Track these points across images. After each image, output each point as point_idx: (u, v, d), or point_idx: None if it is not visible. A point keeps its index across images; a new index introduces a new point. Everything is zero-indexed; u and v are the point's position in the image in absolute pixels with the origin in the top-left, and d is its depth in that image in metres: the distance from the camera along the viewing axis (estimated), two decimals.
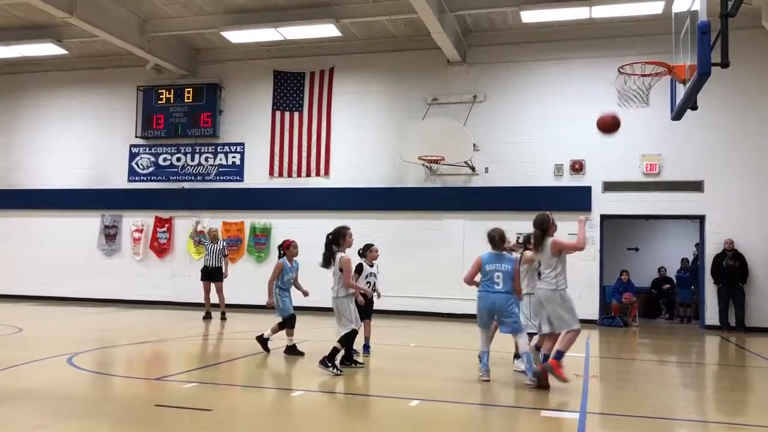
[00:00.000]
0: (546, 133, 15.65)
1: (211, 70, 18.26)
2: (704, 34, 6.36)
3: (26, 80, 19.60)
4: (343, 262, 7.68)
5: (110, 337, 11.41)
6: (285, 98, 17.53)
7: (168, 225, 18.09)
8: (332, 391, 6.96)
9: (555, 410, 6.34)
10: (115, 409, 5.98)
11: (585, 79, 15.56)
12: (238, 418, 5.94)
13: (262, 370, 8.56)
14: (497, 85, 16.19)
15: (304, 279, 9.95)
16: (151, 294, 17.76)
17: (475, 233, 15.86)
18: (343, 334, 7.70)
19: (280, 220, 17.18)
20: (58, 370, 7.78)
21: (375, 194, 16.47)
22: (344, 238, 7.88)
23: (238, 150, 17.88)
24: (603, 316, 15.17)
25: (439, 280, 15.63)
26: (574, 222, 14.98)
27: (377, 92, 16.94)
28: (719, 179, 14.70)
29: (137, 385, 7.25)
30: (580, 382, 7.67)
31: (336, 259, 7.75)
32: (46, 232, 18.83)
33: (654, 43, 12.66)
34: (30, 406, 5.94)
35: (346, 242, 7.89)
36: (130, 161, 18.62)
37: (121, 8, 15.60)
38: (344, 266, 7.68)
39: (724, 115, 14.58)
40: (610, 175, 15.27)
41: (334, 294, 7.87)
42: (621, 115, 8.87)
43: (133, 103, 18.55)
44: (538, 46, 15.93)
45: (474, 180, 16.07)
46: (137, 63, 17.87)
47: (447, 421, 5.80)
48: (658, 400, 7.07)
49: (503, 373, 8.59)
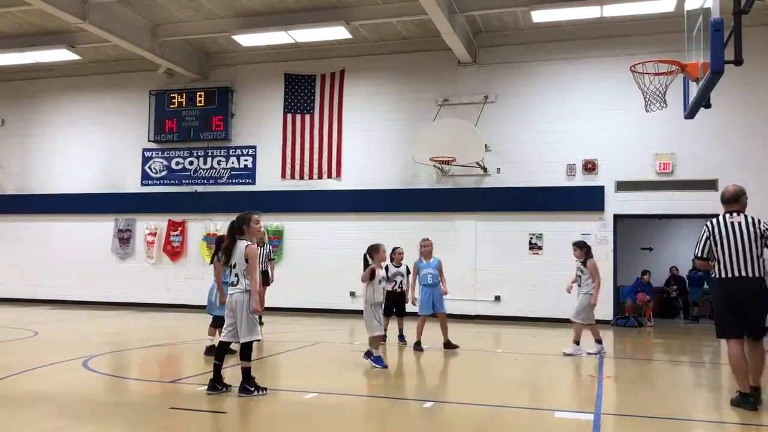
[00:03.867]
0: (558, 133, 15.59)
1: (223, 74, 18.35)
2: (717, 31, 6.30)
3: (40, 86, 19.79)
4: (248, 252, 6.65)
5: (125, 340, 11.48)
6: (296, 101, 17.57)
7: (181, 228, 18.18)
8: (347, 393, 6.96)
9: (570, 411, 6.30)
10: (129, 412, 6.00)
11: (596, 78, 15.51)
12: (252, 421, 5.96)
13: (277, 372, 8.58)
14: (508, 86, 16.15)
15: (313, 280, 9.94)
16: (165, 297, 17.87)
17: (487, 234, 15.86)
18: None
19: (292, 223, 17.22)
20: (73, 373, 7.83)
21: (387, 196, 16.48)
22: (248, 225, 6.80)
23: (250, 153, 17.95)
24: (617, 317, 15.09)
25: (452, 281, 15.54)
26: (587, 222, 15.14)
27: (388, 94, 16.96)
28: (733, 178, 14.47)
29: (152, 387, 7.28)
30: (595, 382, 7.63)
31: (238, 248, 6.70)
32: (60, 236, 18.99)
33: (666, 41, 12.58)
34: (45, 409, 5.98)
35: (250, 230, 6.82)
36: (143, 165, 18.75)
37: (133, 13, 15.71)
38: (249, 256, 6.63)
39: (738, 113, 14.47)
40: (623, 174, 15.19)
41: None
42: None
43: (145, 107, 18.68)
44: (548, 46, 15.89)
45: (486, 181, 16.04)
46: (149, 68, 18.01)
47: (460, 422, 5.79)
48: (673, 400, 7.01)
49: (516, 374, 8.56)
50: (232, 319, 6.67)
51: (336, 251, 16.16)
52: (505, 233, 15.62)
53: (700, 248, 6.61)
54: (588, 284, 9.95)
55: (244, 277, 6.66)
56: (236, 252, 6.70)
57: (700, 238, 6.64)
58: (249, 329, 6.60)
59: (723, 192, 6.77)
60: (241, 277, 6.67)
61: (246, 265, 6.64)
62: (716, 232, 6.50)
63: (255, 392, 6.56)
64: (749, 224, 6.47)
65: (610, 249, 15.15)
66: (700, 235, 6.65)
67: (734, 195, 6.64)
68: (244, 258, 6.64)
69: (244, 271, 6.66)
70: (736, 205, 6.62)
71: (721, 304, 6.55)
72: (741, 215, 6.57)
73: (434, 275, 10.25)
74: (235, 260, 6.69)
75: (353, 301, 16.24)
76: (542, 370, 8.99)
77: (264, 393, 6.60)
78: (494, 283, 15.49)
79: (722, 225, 6.51)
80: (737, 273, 6.34)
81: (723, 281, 6.43)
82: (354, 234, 16.30)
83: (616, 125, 15.25)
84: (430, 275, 10.24)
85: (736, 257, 6.36)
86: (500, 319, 15.20)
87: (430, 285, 10.21)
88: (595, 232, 15.21)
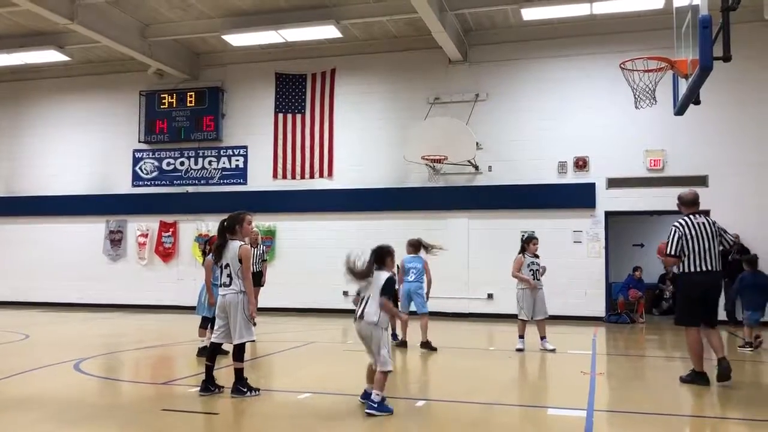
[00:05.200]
0: (549, 131, 15.63)
1: (213, 74, 18.29)
2: (705, 28, 6.32)
3: (29, 87, 19.67)
4: (242, 252, 6.55)
5: (117, 342, 11.43)
6: (287, 100, 17.54)
7: (173, 229, 18.12)
8: (340, 393, 6.95)
9: (562, 408, 6.32)
10: (122, 414, 5.98)
11: (587, 75, 15.55)
12: (245, 422, 5.95)
13: (269, 372, 8.56)
14: (499, 84, 16.17)
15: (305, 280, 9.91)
16: (157, 298, 17.81)
17: (479, 232, 15.89)
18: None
19: (284, 222, 17.19)
20: (64, 375, 7.79)
21: (379, 195, 16.47)
22: (241, 225, 6.71)
23: (242, 153, 17.91)
24: (609, 313, 15.14)
25: (444, 279, 15.57)
26: (579, 219, 15.20)
27: (379, 92, 16.95)
28: (723, 174, 14.65)
29: (144, 389, 7.25)
30: (587, 379, 7.65)
31: (231, 248, 6.60)
32: (51, 239, 18.88)
33: (655, 38, 12.62)
34: (37, 412, 5.95)
35: (243, 230, 6.75)
36: (134, 166, 18.67)
37: (121, 14, 15.62)
38: (243, 257, 6.55)
39: (728, 110, 14.54)
40: (615, 171, 15.24)
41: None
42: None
43: (135, 108, 18.59)
44: (539, 44, 15.91)
45: (477, 179, 16.06)
46: (139, 68, 17.93)
47: (454, 420, 5.79)
48: (666, 396, 7.04)
49: (509, 372, 8.58)
50: (224, 320, 6.64)
51: (328, 251, 16.11)
52: (498, 231, 15.63)
53: (673, 247, 7.29)
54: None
55: (238, 278, 6.59)
56: (228, 252, 6.64)
57: (671, 238, 7.31)
58: (243, 330, 6.55)
59: (684, 196, 7.59)
60: (235, 277, 6.59)
61: (240, 266, 6.58)
62: (687, 231, 7.26)
63: (248, 393, 6.53)
64: (709, 224, 7.33)
65: (601, 246, 15.21)
66: (671, 235, 7.32)
67: (695, 199, 7.54)
68: (238, 258, 6.57)
69: (238, 272, 6.58)
70: (695, 208, 7.50)
71: (688, 295, 7.35)
72: (702, 216, 7.41)
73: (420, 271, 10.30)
74: (228, 260, 6.62)
75: (346, 301, 16.21)
76: (535, 367, 9.01)
77: (257, 394, 6.58)
78: (487, 281, 15.49)
79: (691, 225, 7.28)
80: (704, 267, 7.20)
81: (692, 274, 7.24)
82: (346, 233, 16.31)
83: (606, 122, 15.29)
84: (415, 270, 10.31)
85: (703, 253, 7.20)
86: (493, 317, 15.23)
87: (412, 281, 10.25)
88: (586, 229, 15.28)
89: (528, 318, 10.09)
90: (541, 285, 10.24)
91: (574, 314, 14.73)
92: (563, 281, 14.53)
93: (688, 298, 7.35)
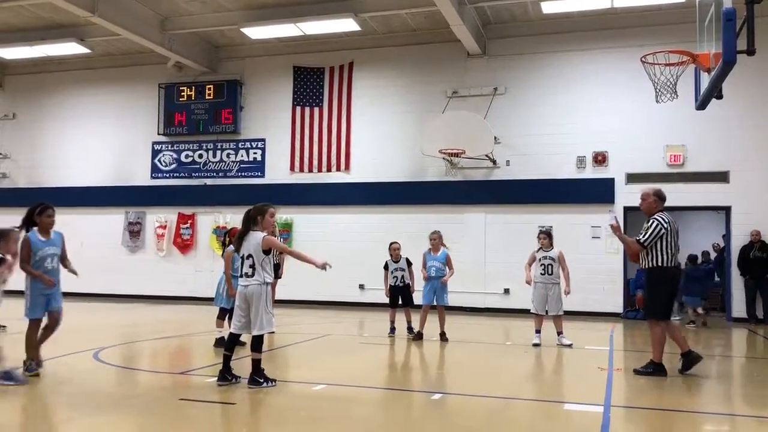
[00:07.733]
0: (568, 125, 15.50)
1: (232, 67, 18.35)
2: (729, 21, 6.24)
3: (50, 79, 19.86)
4: (267, 242, 6.62)
5: (135, 332, 11.55)
6: (305, 93, 17.56)
7: (191, 221, 18.24)
8: (356, 384, 6.96)
9: (579, 403, 6.29)
10: (140, 403, 6.04)
11: (607, 69, 15.39)
12: (261, 412, 5.98)
13: (285, 364, 8.60)
14: (518, 77, 16.07)
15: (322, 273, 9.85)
16: (175, 289, 17.94)
17: (496, 227, 15.82)
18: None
19: (301, 216, 17.23)
20: (84, 364, 7.89)
21: (396, 188, 16.45)
22: (263, 216, 6.76)
23: (259, 146, 17.97)
24: (627, 309, 15.03)
25: (461, 274, 15.52)
26: (597, 215, 15.06)
27: (397, 86, 16.91)
28: (745, 169, 14.45)
29: (162, 379, 7.31)
30: (605, 375, 7.60)
31: (253, 239, 6.64)
32: (70, 230, 18.68)
33: (677, 31, 12.46)
34: (58, 400, 6.03)
35: (264, 222, 6.77)
36: (153, 158, 18.80)
37: (142, 6, 15.72)
38: (272, 244, 6.70)
39: (750, 104, 14.34)
40: (634, 166, 15.09)
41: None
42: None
43: (155, 100, 18.72)
44: (558, 37, 15.78)
45: (495, 173, 15.99)
46: (158, 61, 18.04)
47: (469, 414, 5.78)
48: (684, 393, 6.98)
49: (525, 366, 8.56)
50: (245, 311, 6.66)
51: (345, 244, 16.16)
52: (515, 226, 15.56)
53: (650, 237, 7.45)
54: (559, 274, 10.05)
55: (263, 269, 6.61)
56: (250, 242, 6.66)
57: (654, 232, 7.43)
58: (264, 321, 6.57)
59: (662, 193, 7.78)
60: (259, 268, 6.61)
61: (264, 257, 6.61)
62: (669, 228, 7.48)
63: (264, 384, 6.56)
64: (674, 222, 7.64)
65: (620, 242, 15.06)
66: (655, 228, 7.44)
67: (665, 197, 7.79)
68: (262, 249, 6.60)
69: (262, 262, 6.61)
70: (663, 205, 7.75)
71: (667, 290, 7.60)
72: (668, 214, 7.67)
73: (438, 268, 10.36)
74: (250, 251, 6.64)
75: (362, 294, 16.26)
76: (551, 362, 8.97)
77: (273, 384, 6.61)
78: (503, 275, 15.43)
79: (670, 222, 7.54)
80: (676, 263, 7.62)
81: (670, 269, 7.51)
82: (363, 227, 16.33)
83: (626, 117, 15.14)
84: (434, 268, 10.39)
85: (676, 249, 7.56)
86: (510, 312, 15.17)
87: (433, 277, 10.35)
88: (605, 225, 15.13)
89: (537, 312, 10.02)
90: (556, 281, 10.09)
91: (592, 310, 14.63)
92: (581, 277, 14.37)
93: (667, 292, 7.60)
